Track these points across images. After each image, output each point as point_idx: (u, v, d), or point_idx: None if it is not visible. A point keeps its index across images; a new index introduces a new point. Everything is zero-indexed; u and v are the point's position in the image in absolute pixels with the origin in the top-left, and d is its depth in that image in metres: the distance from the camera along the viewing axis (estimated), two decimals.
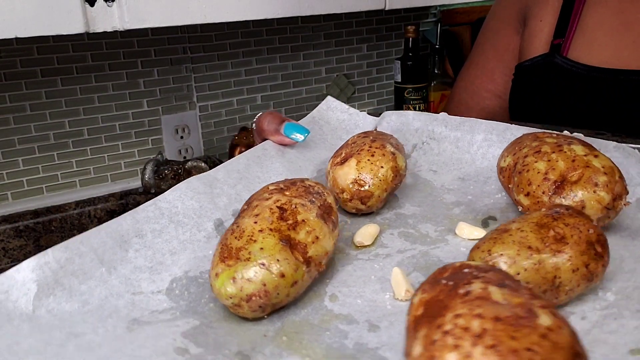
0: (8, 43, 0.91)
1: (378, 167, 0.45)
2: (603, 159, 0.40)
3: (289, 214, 0.37)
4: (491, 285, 0.25)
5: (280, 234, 0.36)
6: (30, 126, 0.96)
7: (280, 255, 0.35)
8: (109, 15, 0.70)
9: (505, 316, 0.23)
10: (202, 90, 1.10)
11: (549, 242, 0.33)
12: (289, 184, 0.41)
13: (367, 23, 1.25)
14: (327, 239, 0.38)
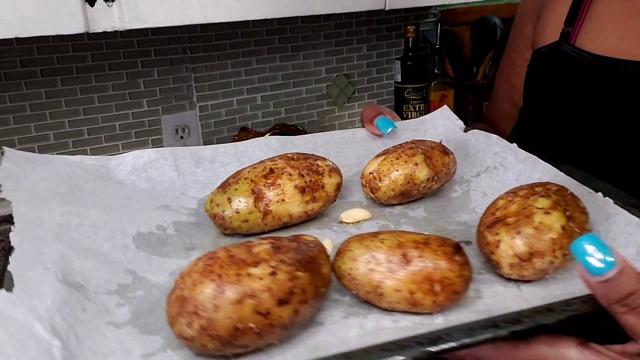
0: (8, 43, 0.91)
1: (394, 169, 0.52)
2: (555, 216, 0.39)
3: (274, 176, 0.49)
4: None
5: (256, 185, 0.49)
6: (30, 126, 0.96)
7: (244, 198, 0.48)
8: (109, 15, 0.70)
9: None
10: (202, 90, 1.10)
11: (395, 260, 0.38)
12: (301, 157, 0.52)
13: (367, 23, 1.25)
14: (295, 205, 0.49)
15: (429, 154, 0.53)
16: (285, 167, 0.50)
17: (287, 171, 0.50)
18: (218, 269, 0.35)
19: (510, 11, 1.42)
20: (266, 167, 0.50)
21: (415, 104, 1.22)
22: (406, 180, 0.52)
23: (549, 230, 0.39)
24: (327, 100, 1.25)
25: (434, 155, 0.53)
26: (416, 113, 1.22)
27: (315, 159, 0.52)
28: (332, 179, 0.51)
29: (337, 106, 1.27)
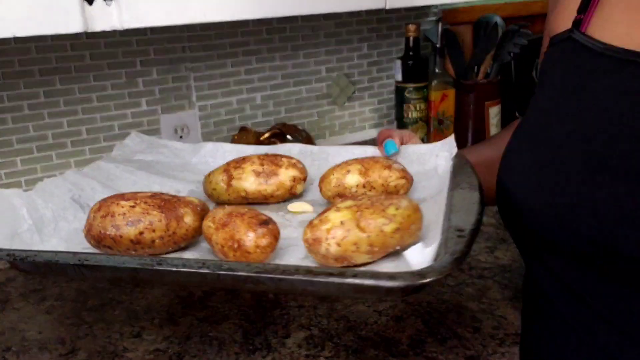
0: (6, 42, 0.91)
1: (331, 174, 0.64)
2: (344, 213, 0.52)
3: (242, 162, 0.65)
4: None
5: (228, 167, 0.66)
6: (29, 126, 0.96)
7: (219, 174, 0.66)
8: (107, 14, 0.70)
9: None
10: (201, 90, 1.10)
11: (224, 221, 0.53)
12: (272, 155, 0.66)
13: (368, 22, 1.24)
14: (248, 184, 0.64)
15: (367, 166, 0.62)
16: (253, 158, 0.65)
17: (252, 160, 0.65)
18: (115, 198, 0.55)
19: (511, 10, 1.41)
20: (245, 157, 0.66)
21: (415, 103, 1.21)
22: (337, 183, 0.62)
23: (329, 223, 0.49)
24: (327, 100, 1.25)
25: (372, 167, 0.62)
26: (417, 112, 1.22)
27: (284, 157, 0.65)
28: (287, 171, 0.64)
29: (337, 106, 1.26)
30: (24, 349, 0.74)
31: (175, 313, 0.78)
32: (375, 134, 1.32)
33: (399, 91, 1.22)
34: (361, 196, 0.53)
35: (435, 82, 1.25)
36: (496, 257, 0.91)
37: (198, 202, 0.57)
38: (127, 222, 0.52)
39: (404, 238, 0.50)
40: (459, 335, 0.72)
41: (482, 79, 1.27)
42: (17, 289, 0.89)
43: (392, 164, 0.63)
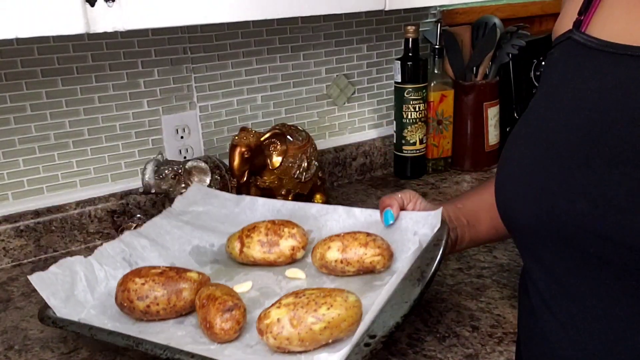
0: (8, 43, 0.91)
1: (316, 248, 0.72)
2: None
3: (252, 231, 0.78)
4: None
5: (242, 233, 0.78)
6: (31, 126, 0.97)
7: (236, 240, 0.79)
8: (109, 15, 0.70)
9: None
10: (202, 91, 1.10)
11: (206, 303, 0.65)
12: (280, 223, 0.77)
13: (367, 23, 1.25)
14: (255, 252, 0.76)
15: (346, 243, 0.69)
16: (261, 228, 0.75)
17: (259, 230, 0.75)
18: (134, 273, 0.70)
19: (510, 11, 1.42)
20: (256, 225, 0.77)
21: (415, 104, 1.22)
22: (320, 257, 0.69)
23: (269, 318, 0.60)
24: (327, 101, 1.25)
25: (350, 244, 0.68)
26: (416, 113, 1.22)
27: (288, 226, 0.75)
28: (287, 242, 0.73)
29: (337, 106, 1.27)
30: (26, 347, 0.75)
31: None
32: (375, 134, 1.32)
33: (398, 92, 1.23)
34: (304, 293, 0.60)
35: (434, 83, 1.25)
36: (494, 257, 0.92)
37: (197, 278, 0.68)
38: (137, 297, 0.65)
39: (333, 334, 0.57)
40: (457, 334, 0.73)
41: (480, 80, 1.28)
42: (19, 288, 0.89)
43: (369, 242, 0.69)
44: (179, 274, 0.67)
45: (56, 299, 0.69)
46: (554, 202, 0.48)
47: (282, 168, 1.04)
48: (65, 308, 0.69)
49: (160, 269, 0.69)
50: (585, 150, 0.47)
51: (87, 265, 0.75)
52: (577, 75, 0.51)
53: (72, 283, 0.72)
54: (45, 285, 0.70)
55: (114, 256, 0.77)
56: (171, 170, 0.94)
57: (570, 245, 0.48)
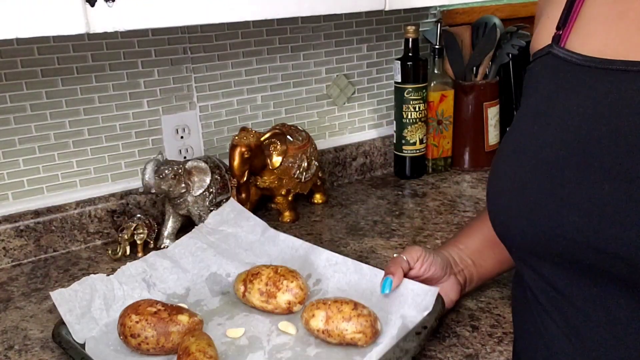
0: (9, 43, 0.91)
1: (304, 313, 0.70)
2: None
3: (255, 277, 0.77)
4: None
5: (246, 276, 0.78)
6: (31, 126, 0.97)
7: (240, 281, 0.79)
8: (109, 15, 0.70)
9: None
10: (202, 91, 1.10)
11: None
12: (283, 271, 0.77)
13: (367, 23, 1.25)
14: (254, 299, 0.76)
15: (330, 313, 0.67)
16: (263, 275, 0.75)
17: (261, 277, 0.75)
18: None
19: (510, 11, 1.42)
20: (260, 269, 0.77)
21: (415, 104, 1.22)
22: (305, 322, 0.69)
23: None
24: (327, 101, 1.25)
25: (335, 316, 0.67)
26: (416, 113, 1.22)
27: (288, 278, 0.74)
28: (284, 295, 0.73)
29: (337, 106, 1.27)
30: (26, 347, 0.75)
31: None
32: (375, 134, 1.32)
33: (398, 92, 1.23)
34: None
35: (434, 83, 1.25)
36: None
37: (187, 322, 0.69)
38: (130, 334, 0.68)
39: None
40: (457, 334, 0.73)
41: (480, 80, 1.28)
42: (19, 288, 0.89)
43: (353, 317, 0.66)
44: (171, 316, 0.69)
45: (72, 315, 0.72)
46: (548, 217, 0.48)
47: (282, 168, 1.04)
48: (78, 325, 0.72)
49: (156, 307, 0.70)
50: (576, 166, 0.47)
51: (107, 283, 0.78)
52: (562, 90, 0.52)
53: (90, 300, 0.75)
54: (64, 302, 0.73)
55: (135, 276, 0.80)
56: (171, 170, 0.94)
57: (568, 259, 0.49)
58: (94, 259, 0.97)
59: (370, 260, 0.92)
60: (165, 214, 1.01)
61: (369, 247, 0.97)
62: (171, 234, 1.00)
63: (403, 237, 1.00)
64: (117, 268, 0.93)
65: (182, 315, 0.70)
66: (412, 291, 0.70)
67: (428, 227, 1.04)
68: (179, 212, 0.99)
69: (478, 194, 1.18)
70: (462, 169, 1.32)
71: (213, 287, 0.82)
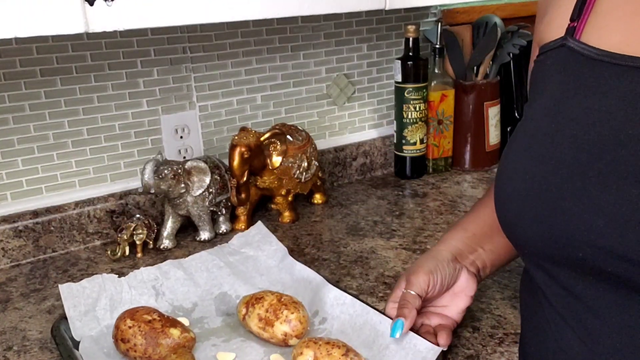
0: (7, 43, 0.91)
1: (295, 351, 0.66)
2: None
3: (256, 302, 0.74)
4: None
5: (249, 301, 0.75)
6: (30, 126, 0.96)
7: (243, 304, 0.75)
8: (108, 15, 0.70)
9: None
10: (201, 90, 1.10)
11: None
12: (287, 301, 0.73)
13: (367, 23, 1.25)
14: (253, 325, 0.72)
15: (319, 354, 0.64)
16: (265, 301, 0.73)
17: (263, 303, 0.73)
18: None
19: (510, 11, 1.42)
20: (264, 295, 0.74)
21: (415, 103, 1.22)
22: (293, 358, 0.66)
23: None
24: (327, 100, 1.25)
25: (322, 357, 0.64)
26: (416, 112, 1.22)
27: (290, 308, 0.71)
28: (281, 326, 0.70)
29: (337, 106, 1.27)
30: (25, 348, 0.75)
31: None
32: (375, 134, 1.32)
33: (398, 91, 1.22)
34: None
35: (435, 83, 1.25)
36: None
37: (177, 337, 0.68)
38: (122, 339, 0.68)
39: None
40: (458, 335, 0.72)
41: (481, 80, 1.28)
42: (18, 288, 0.89)
43: (340, 356, 0.63)
44: (164, 328, 0.68)
45: (75, 311, 0.73)
46: (569, 221, 0.46)
47: (282, 168, 1.04)
48: (80, 321, 0.72)
49: (152, 315, 0.70)
50: (599, 168, 0.45)
51: (117, 285, 0.78)
52: (580, 86, 0.49)
53: (97, 299, 0.75)
54: (71, 297, 0.74)
55: (146, 282, 0.80)
56: (170, 170, 0.93)
57: (589, 265, 0.46)
58: (93, 260, 0.97)
59: (370, 261, 0.92)
60: (165, 214, 1.01)
61: (369, 247, 0.97)
62: (170, 234, 1.00)
63: (403, 237, 1.00)
64: (116, 268, 0.93)
65: (174, 329, 0.69)
66: (415, 346, 0.65)
67: (428, 228, 1.03)
68: (179, 212, 0.99)
69: (479, 194, 1.18)
70: (463, 169, 1.32)
71: (220, 306, 0.80)
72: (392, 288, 0.83)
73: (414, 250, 0.95)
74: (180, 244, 1.01)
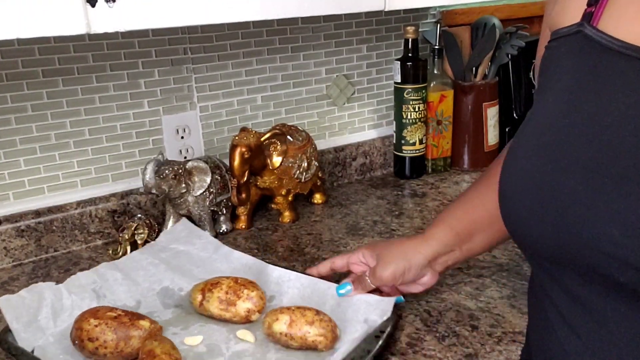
0: (9, 44, 0.92)
1: (266, 319, 0.72)
2: None
3: (215, 286, 0.77)
4: None
5: (206, 286, 0.78)
6: (32, 126, 0.97)
7: (199, 289, 0.78)
8: (109, 16, 0.71)
9: None
10: (202, 91, 1.11)
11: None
12: (244, 282, 0.77)
13: (367, 24, 1.25)
14: (213, 307, 0.75)
15: (294, 317, 0.70)
16: (223, 285, 0.76)
17: (221, 286, 0.76)
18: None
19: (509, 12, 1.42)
20: (220, 280, 0.77)
21: (414, 104, 1.22)
22: (268, 326, 0.71)
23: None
24: (327, 101, 1.26)
25: (298, 320, 0.69)
26: (415, 113, 1.23)
27: (248, 287, 0.75)
28: (244, 303, 0.74)
29: (336, 106, 1.27)
30: None
31: None
32: (375, 134, 1.33)
33: (397, 92, 1.23)
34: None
35: (434, 83, 1.26)
36: (494, 257, 0.92)
37: (148, 327, 0.69)
38: (88, 338, 0.67)
39: None
40: (457, 334, 0.73)
41: (480, 80, 1.28)
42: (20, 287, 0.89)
43: (316, 321, 0.69)
44: (132, 321, 0.69)
45: (18, 323, 0.71)
46: (582, 226, 0.43)
47: (282, 168, 1.05)
48: (24, 333, 0.70)
49: (116, 312, 0.70)
50: (617, 171, 0.42)
51: (56, 292, 0.77)
52: (597, 80, 0.46)
53: (38, 308, 0.74)
54: (12, 309, 0.72)
55: (85, 286, 0.79)
56: (172, 171, 0.94)
57: (597, 272, 0.43)
58: (95, 259, 0.98)
59: None
60: (166, 214, 1.01)
61: None
62: None
63: (403, 237, 1.01)
64: None
65: (143, 321, 0.70)
66: (366, 301, 0.74)
67: None
68: (180, 212, 1.00)
69: None
70: (462, 169, 1.32)
71: (165, 300, 0.81)
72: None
73: None
74: None
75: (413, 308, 0.79)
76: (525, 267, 0.88)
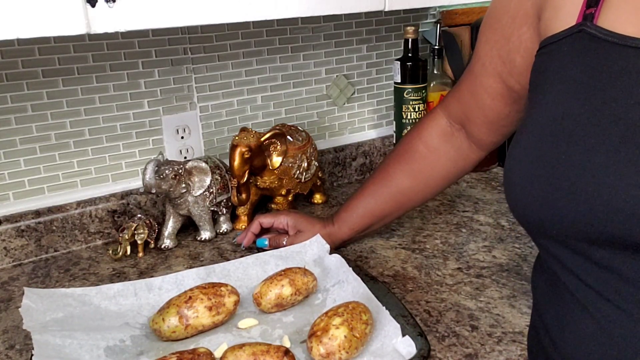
0: (9, 44, 0.92)
1: (269, 290, 0.76)
2: (341, 330, 0.66)
3: (192, 300, 0.72)
4: None
5: (179, 308, 0.71)
6: (32, 126, 0.97)
7: (173, 317, 0.71)
8: (109, 16, 0.71)
9: None
10: (202, 91, 1.11)
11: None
12: (210, 286, 0.75)
13: (367, 24, 1.25)
14: (205, 319, 0.72)
15: (291, 277, 0.77)
16: (199, 295, 0.73)
17: (200, 297, 0.73)
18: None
19: None
20: (186, 295, 0.73)
21: (414, 104, 1.22)
22: (277, 297, 0.76)
23: (336, 339, 0.65)
24: (327, 101, 1.26)
25: (295, 277, 0.77)
26: (415, 113, 1.23)
27: (220, 285, 0.75)
28: (230, 298, 0.74)
29: (336, 107, 1.27)
30: (27, 347, 0.75)
31: None
32: (374, 134, 1.33)
33: (397, 92, 1.23)
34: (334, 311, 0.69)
35: (434, 84, 1.26)
36: (494, 257, 0.92)
37: (207, 351, 0.66)
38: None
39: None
40: (457, 334, 0.73)
41: None
42: (20, 287, 0.90)
43: (305, 271, 0.79)
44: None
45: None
46: (615, 196, 0.45)
47: (282, 168, 1.05)
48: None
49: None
50: (629, 157, 0.45)
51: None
52: (611, 70, 0.48)
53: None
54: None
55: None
56: (172, 171, 0.94)
57: (630, 239, 0.46)
58: (95, 259, 0.98)
59: (370, 260, 0.93)
60: (166, 214, 1.01)
61: (369, 247, 0.98)
62: (172, 234, 1.00)
63: (402, 237, 1.01)
64: (117, 268, 0.94)
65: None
66: (305, 245, 0.89)
67: (427, 227, 1.04)
68: (180, 212, 1.00)
69: (477, 194, 1.18)
70: None
71: (120, 356, 0.68)
72: (389, 286, 0.84)
73: (413, 250, 0.96)
74: (181, 244, 1.01)
75: (413, 308, 0.79)
76: (526, 267, 0.88)
